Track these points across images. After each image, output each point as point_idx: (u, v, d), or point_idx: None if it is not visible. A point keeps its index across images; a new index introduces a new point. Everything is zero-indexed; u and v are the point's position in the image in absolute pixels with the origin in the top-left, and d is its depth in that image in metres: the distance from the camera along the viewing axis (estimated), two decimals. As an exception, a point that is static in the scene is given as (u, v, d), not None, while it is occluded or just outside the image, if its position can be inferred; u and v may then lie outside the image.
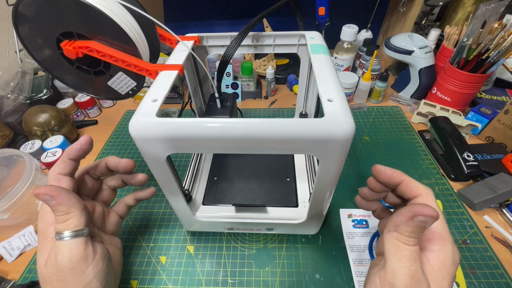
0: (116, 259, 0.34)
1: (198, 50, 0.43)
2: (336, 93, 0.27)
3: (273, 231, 0.43)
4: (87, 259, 0.27)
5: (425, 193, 0.26)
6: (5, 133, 0.59)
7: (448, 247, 0.24)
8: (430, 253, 0.24)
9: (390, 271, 0.23)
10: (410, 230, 0.23)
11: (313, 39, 0.38)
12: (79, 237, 0.27)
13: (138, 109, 0.27)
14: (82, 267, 0.27)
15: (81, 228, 0.27)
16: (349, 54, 0.71)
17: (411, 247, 0.23)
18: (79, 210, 0.27)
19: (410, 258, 0.23)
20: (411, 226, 0.23)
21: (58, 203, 0.26)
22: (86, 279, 0.27)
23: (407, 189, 0.27)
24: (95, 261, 0.28)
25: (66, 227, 0.27)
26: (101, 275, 0.28)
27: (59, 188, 0.27)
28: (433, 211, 0.22)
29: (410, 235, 0.23)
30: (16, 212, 0.44)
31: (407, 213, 0.23)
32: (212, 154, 0.51)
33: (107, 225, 0.35)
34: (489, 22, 0.51)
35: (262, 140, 0.25)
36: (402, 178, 0.27)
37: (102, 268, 0.28)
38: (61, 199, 0.26)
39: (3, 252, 0.42)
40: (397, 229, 0.24)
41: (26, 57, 0.63)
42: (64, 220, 0.27)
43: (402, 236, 0.23)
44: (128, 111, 0.73)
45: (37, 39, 0.34)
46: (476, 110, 0.59)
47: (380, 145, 0.59)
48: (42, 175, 0.48)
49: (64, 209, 0.27)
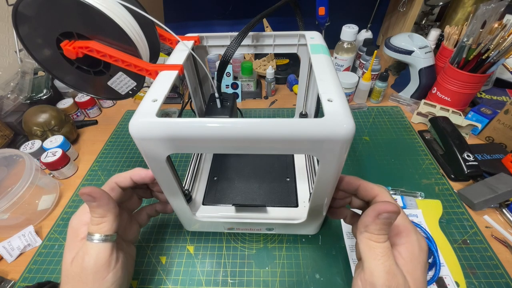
0: (130, 269, 0.34)
1: (198, 50, 0.43)
2: (336, 93, 0.27)
3: (273, 231, 0.43)
4: (110, 265, 0.28)
5: (381, 192, 0.28)
6: (5, 133, 0.59)
7: (412, 237, 0.26)
8: (399, 247, 0.26)
9: (368, 271, 0.25)
10: (378, 228, 0.25)
11: (313, 39, 0.38)
12: (108, 242, 0.28)
13: (138, 109, 0.27)
14: (103, 273, 0.28)
15: (111, 233, 0.28)
16: (349, 54, 0.71)
17: (382, 244, 0.25)
18: (114, 216, 0.29)
19: (383, 255, 0.24)
20: (378, 224, 0.24)
21: (98, 205, 0.28)
22: (104, 285, 0.28)
23: (364, 192, 0.29)
24: (116, 269, 0.29)
25: (99, 230, 0.28)
26: (118, 284, 0.29)
27: (102, 191, 0.28)
28: (394, 207, 0.24)
29: (379, 232, 0.25)
30: (16, 212, 0.44)
31: (372, 213, 0.25)
32: (212, 154, 0.51)
33: (128, 233, 0.35)
34: (489, 22, 0.51)
35: (262, 140, 0.25)
36: (358, 182, 0.30)
37: (120, 276, 0.29)
38: (101, 202, 0.28)
39: (3, 252, 0.42)
40: (366, 229, 0.25)
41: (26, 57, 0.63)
42: (98, 223, 0.28)
43: (372, 235, 0.25)
44: (128, 111, 0.73)
45: (37, 39, 0.34)
46: (476, 110, 0.59)
47: (380, 145, 0.59)
48: (42, 175, 0.48)
49: (101, 212, 0.28)
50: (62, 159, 0.53)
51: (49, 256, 0.43)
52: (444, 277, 0.38)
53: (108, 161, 0.59)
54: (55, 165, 0.52)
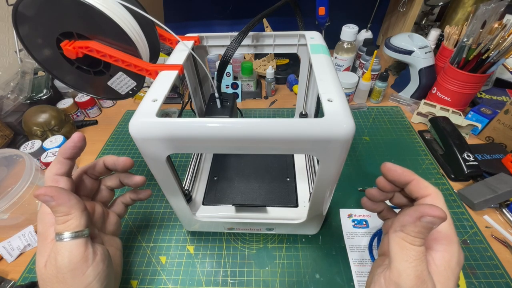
0: (116, 260, 0.34)
1: (198, 50, 0.43)
2: (336, 93, 0.27)
3: (273, 231, 0.43)
4: (87, 260, 0.27)
5: (435, 194, 0.26)
6: (5, 133, 0.59)
7: (454, 248, 0.24)
8: (435, 253, 0.24)
9: (395, 271, 0.23)
10: (417, 231, 0.23)
11: (313, 39, 0.38)
12: (79, 238, 0.27)
13: (138, 109, 0.27)
14: (82, 268, 0.27)
15: (81, 229, 0.27)
16: (349, 54, 0.71)
17: (418, 247, 0.23)
18: (79, 211, 0.27)
19: (416, 258, 0.23)
20: (418, 226, 0.22)
21: (58, 204, 0.26)
22: (86, 281, 0.27)
23: (417, 188, 0.27)
24: (96, 262, 0.28)
25: (66, 228, 0.26)
26: (101, 276, 0.28)
27: (59, 189, 0.27)
28: (441, 212, 0.22)
29: (416, 235, 0.23)
30: (16, 212, 0.44)
31: (414, 213, 0.23)
32: (212, 154, 0.51)
33: (107, 226, 0.35)
34: (489, 22, 0.51)
35: (262, 140, 0.25)
36: (412, 177, 0.27)
37: (102, 269, 0.28)
38: (61, 200, 0.26)
39: (3, 252, 0.42)
40: (403, 229, 0.24)
41: (26, 57, 0.63)
42: (64, 221, 0.26)
43: (408, 236, 0.23)
44: (128, 111, 0.73)
45: (37, 39, 0.34)
46: (476, 110, 0.59)
47: (380, 145, 0.59)
48: (42, 175, 0.48)
49: (64, 210, 0.26)
50: (62, 159, 0.53)
51: (49, 256, 0.43)
52: (444, 277, 0.38)
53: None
54: (55, 165, 0.52)
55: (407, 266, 0.23)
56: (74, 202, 0.27)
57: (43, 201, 0.26)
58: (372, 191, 0.31)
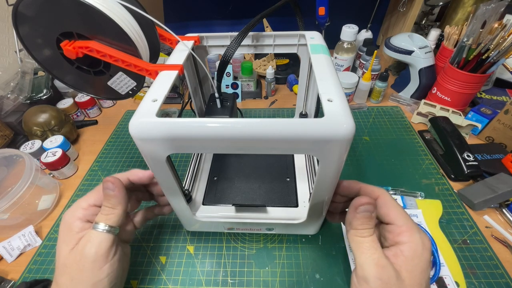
0: (125, 265, 0.35)
1: (198, 50, 0.43)
2: (336, 93, 0.27)
3: (273, 231, 0.43)
4: (108, 256, 0.29)
5: (382, 194, 0.29)
6: (5, 133, 0.59)
7: (415, 236, 0.26)
8: (402, 245, 0.26)
9: (358, 266, 0.26)
10: (360, 223, 0.26)
11: (313, 39, 0.38)
12: (111, 233, 0.29)
13: (138, 109, 0.27)
14: (101, 263, 0.28)
15: (116, 225, 0.29)
16: (349, 54, 0.71)
17: (368, 238, 0.26)
18: (122, 210, 0.30)
19: (370, 248, 0.25)
20: (359, 218, 0.26)
21: (115, 196, 0.29)
22: (99, 276, 0.28)
23: (365, 194, 0.29)
24: (113, 260, 0.29)
25: (106, 220, 0.29)
26: (112, 276, 0.29)
27: (122, 184, 0.30)
28: (367, 198, 0.26)
29: (362, 227, 0.26)
30: (16, 212, 0.44)
31: (351, 209, 0.27)
32: (212, 154, 0.51)
33: (124, 233, 0.36)
34: (489, 22, 0.51)
35: (262, 140, 0.25)
36: (358, 186, 0.30)
37: (115, 269, 0.30)
38: (118, 193, 0.29)
39: (3, 252, 0.42)
40: (351, 226, 0.27)
41: (26, 57, 0.63)
42: (108, 213, 0.29)
43: (356, 230, 0.26)
44: (128, 111, 0.73)
45: (37, 39, 0.34)
46: (476, 110, 0.59)
47: (380, 145, 0.59)
48: (42, 175, 0.48)
49: (114, 203, 0.29)
50: (62, 159, 0.53)
51: (49, 256, 0.43)
52: (444, 277, 0.38)
53: (108, 161, 0.59)
54: (55, 165, 0.52)
55: (365, 257, 0.25)
56: (123, 201, 0.30)
57: (107, 187, 0.29)
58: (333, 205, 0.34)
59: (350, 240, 0.27)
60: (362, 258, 0.25)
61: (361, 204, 0.26)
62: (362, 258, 0.25)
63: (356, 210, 0.26)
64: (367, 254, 0.25)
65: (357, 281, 0.26)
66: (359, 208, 0.26)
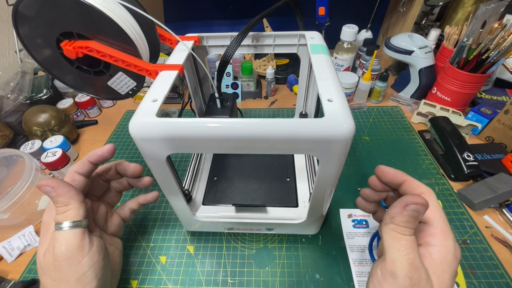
0: (116, 259, 0.35)
1: (198, 50, 0.43)
2: (336, 93, 0.27)
3: (273, 231, 0.43)
4: (83, 249, 0.28)
5: (427, 192, 0.27)
6: (5, 133, 0.59)
7: (450, 242, 0.25)
8: (432, 248, 0.25)
9: (389, 260, 0.24)
10: (405, 220, 0.24)
11: (313, 39, 0.38)
12: (77, 228, 0.28)
13: (138, 109, 0.27)
14: (78, 257, 0.28)
15: (79, 219, 0.28)
16: (349, 54, 0.71)
17: (408, 237, 0.24)
18: (78, 202, 0.29)
19: (407, 247, 0.24)
20: (405, 215, 0.24)
21: (58, 195, 0.28)
22: (81, 270, 0.28)
23: (410, 188, 0.28)
24: (91, 252, 0.29)
25: (65, 218, 0.28)
26: (96, 267, 0.29)
27: (59, 181, 0.29)
28: (422, 199, 0.24)
29: (405, 225, 0.24)
30: (16, 212, 0.44)
31: (400, 204, 0.25)
32: (212, 154, 0.51)
33: (109, 226, 0.36)
34: (489, 22, 0.51)
35: (262, 140, 0.25)
36: (405, 178, 0.29)
37: (97, 260, 0.29)
38: (60, 190, 0.28)
39: (3, 252, 0.42)
40: (392, 221, 0.25)
41: (26, 57, 0.63)
42: (63, 211, 0.28)
43: (398, 226, 0.25)
44: (128, 111, 0.73)
45: (37, 39, 0.34)
46: (476, 110, 0.59)
47: (380, 145, 0.59)
48: (42, 175, 0.48)
49: (63, 200, 0.28)
50: (62, 159, 0.53)
51: (49, 256, 0.43)
52: (444, 277, 0.38)
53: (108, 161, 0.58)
54: (55, 165, 0.52)
55: (400, 254, 0.24)
56: (73, 194, 0.29)
57: (44, 191, 0.28)
58: (366, 191, 0.32)
59: (385, 234, 0.26)
60: (397, 254, 0.24)
61: (414, 202, 0.24)
62: (397, 254, 0.24)
63: (406, 207, 0.24)
64: (403, 252, 0.24)
65: (382, 274, 0.25)
66: (409, 206, 0.24)
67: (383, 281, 0.25)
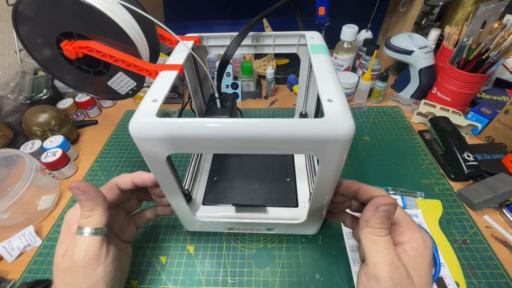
0: (125, 265, 0.35)
1: (198, 50, 0.43)
2: (336, 93, 0.27)
3: (273, 231, 0.43)
4: (100, 258, 0.28)
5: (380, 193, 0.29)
6: (5, 133, 0.59)
7: (417, 235, 0.26)
8: (404, 245, 0.26)
9: (371, 264, 0.25)
10: (378, 221, 0.25)
11: (313, 39, 0.38)
12: (98, 235, 0.28)
13: (138, 109, 0.27)
14: (93, 266, 0.28)
15: (101, 227, 0.29)
16: (349, 54, 0.71)
17: (384, 237, 0.25)
18: (103, 209, 0.29)
19: (385, 248, 0.25)
20: (378, 217, 0.25)
21: (86, 199, 0.28)
22: (94, 279, 0.28)
23: (364, 194, 0.30)
24: (106, 262, 0.29)
25: (88, 223, 0.28)
26: (108, 277, 0.29)
27: (90, 185, 0.29)
28: (390, 199, 0.25)
29: (379, 226, 0.25)
30: (16, 212, 0.44)
31: (371, 207, 0.26)
32: (212, 154, 0.51)
33: (124, 233, 0.36)
34: (489, 22, 0.51)
35: (262, 140, 0.25)
36: (357, 186, 0.30)
37: (110, 270, 0.29)
38: (89, 195, 0.28)
39: (3, 252, 0.42)
40: (367, 224, 0.26)
41: (26, 57, 0.63)
42: (87, 216, 0.28)
43: (373, 229, 0.26)
44: (128, 111, 0.73)
45: (37, 39, 0.34)
46: (476, 110, 0.59)
47: (380, 145, 0.59)
48: (42, 175, 0.48)
49: (90, 206, 0.28)
50: (62, 159, 0.53)
51: (49, 256, 0.43)
52: (444, 277, 0.38)
53: (108, 161, 0.59)
54: (55, 165, 0.52)
55: (379, 256, 0.25)
56: (100, 201, 0.29)
57: (74, 193, 0.28)
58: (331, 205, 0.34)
59: (363, 238, 0.27)
60: (375, 257, 0.25)
61: (384, 204, 0.25)
62: (376, 257, 0.25)
63: (377, 209, 0.25)
64: (381, 253, 0.25)
65: (367, 279, 0.26)
66: (380, 208, 0.25)
67: (368, 286, 0.25)
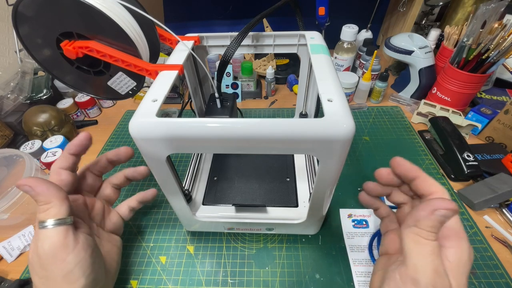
0: (113, 256, 0.35)
1: (198, 50, 0.43)
2: (336, 93, 0.27)
3: (273, 231, 0.43)
4: (67, 247, 0.28)
5: (441, 192, 0.26)
6: (5, 133, 0.59)
7: (464, 244, 0.24)
8: (448, 250, 0.24)
9: (412, 266, 0.23)
10: (431, 225, 0.23)
11: (313, 39, 0.38)
12: (61, 225, 0.28)
13: (138, 109, 0.27)
14: (61, 255, 0.27)
15: (62, 217, 0.28)
16: (349, 54, 0.71)
17: (432, 242, 0.23)
18: (59, 199, 0.28)
19: (432, 253, 0.23)
20: (432, 220, 0.23)
21: (37, 193, 0.27)
22: (66, 268, 0.27)
23: (424, 185, 0.27)
24: (77, 250, 0.28)
25: (47, 216, 0.27)
26: (83, 265, 0.28)
27: (38, 179, 0.28)
28: (453, 205, 0.22)
29: (430, 229, 0.23)
30: (16, 212, 0.43)
31: (428, 207, 0.23)
32: (212, 154, 0.51)
33: (107, 223, 0.36)
34: (489, 22, 0.51)
35: (262, 140, 0.25)
36: (419, 174, 0.28)
37: (84, 258, 0.28)
38: (39, 189, 0.27)
39: (3, 252, 0.42)
40: (417, 224, 0.24)
41: (26, 57, 0.63)
42: (44, 210, 0.28)
43: (422, 231, 0.23)
44: (128, 111, 0.73)
45: (37, 39, 0.34)
46: (476, 110, 0.59)
47: (380, 145, 0.59)
48: (42, 175, 0.48)
49: (43, 199, 0.28)
50: (62, 159, 0.53)
51: (49, 256, 0.43)
52: (444, 277, 0.38)
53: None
54: (55, 165, 0.52)
55: (424, 260, 0.23)
56: (53, 191, 0.28)
57: (24, 190, 0.28)
58: (370, 185, 0.32)
59: (407, 238, 0.24)
60: (420, 260, 0.23)
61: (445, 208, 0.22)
62: (421, 261, 0.23)
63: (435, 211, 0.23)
64: (428, 258, 0.23)
65: (402, 280, 0.24)
66: (439, 211, 0.22)
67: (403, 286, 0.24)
